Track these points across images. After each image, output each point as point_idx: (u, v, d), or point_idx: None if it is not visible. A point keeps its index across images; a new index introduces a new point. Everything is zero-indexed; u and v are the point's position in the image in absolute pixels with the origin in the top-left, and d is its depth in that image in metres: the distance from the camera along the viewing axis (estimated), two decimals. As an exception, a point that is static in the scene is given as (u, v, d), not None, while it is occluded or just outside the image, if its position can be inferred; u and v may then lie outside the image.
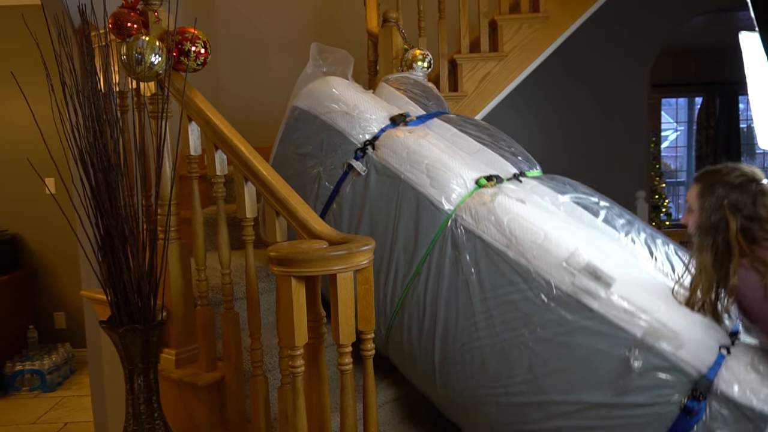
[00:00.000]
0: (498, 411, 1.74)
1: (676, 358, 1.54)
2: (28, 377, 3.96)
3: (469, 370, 1.78)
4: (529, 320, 1.69)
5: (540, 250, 1.73)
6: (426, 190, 1.91)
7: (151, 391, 1.72)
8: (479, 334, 1.76)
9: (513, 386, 1.70)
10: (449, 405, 1.93)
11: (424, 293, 1.89)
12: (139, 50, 1.78)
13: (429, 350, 1.87)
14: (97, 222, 1.68)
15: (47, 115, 1.60)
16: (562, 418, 1.64)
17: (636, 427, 1.56)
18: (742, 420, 1.46)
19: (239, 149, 1.79)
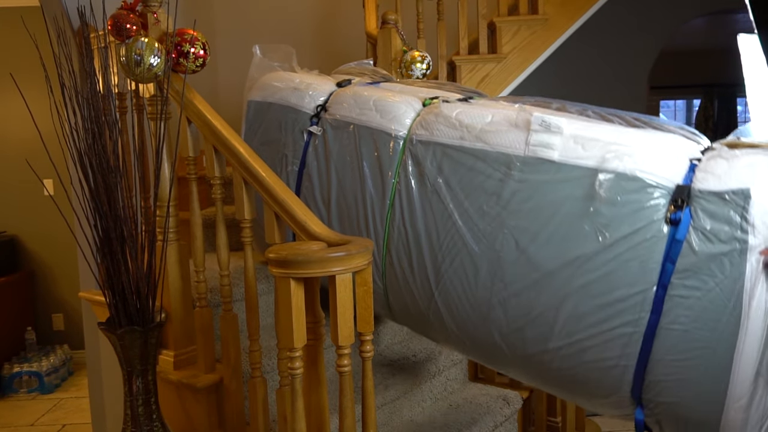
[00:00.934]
0: (504, 309, 1.67)
1: (644, 174, 1.50)
2: (26, 379, 3.96)
3: (465, 277, 1.73)
4: (500, 198, 1.68)
5: (491, 128, 1.75)
6: (378, 124, 1.96)
7: (149, 392, 1.72)
8: (462, 236, 1.74)
9: (507, 274, 1.65)
10: (460, 333, 1.83)
11: (402, 222, 1.88)
12: (138, 52, 1.78)
13: (423, 277, 1.83)
14: (95, 223, 1.68)
15: (46, 116, 1.60)
16: (563, 285, 1.57)
17: (634, 263, 1.49)
18: (725, 205, 1.41)
19: (238, 151, 1.79)
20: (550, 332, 1.60)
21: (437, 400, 2.50)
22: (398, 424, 2.30)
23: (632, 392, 1.54)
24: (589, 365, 1.57)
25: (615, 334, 1.50)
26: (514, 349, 1.70)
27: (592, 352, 1.55)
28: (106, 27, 1.87)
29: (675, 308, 1.44)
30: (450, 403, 2.50)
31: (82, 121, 1.67)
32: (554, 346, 1.60)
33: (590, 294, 1.53)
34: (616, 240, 1.50)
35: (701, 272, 1.41)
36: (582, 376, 1.60)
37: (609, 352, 1.52)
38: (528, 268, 1.62)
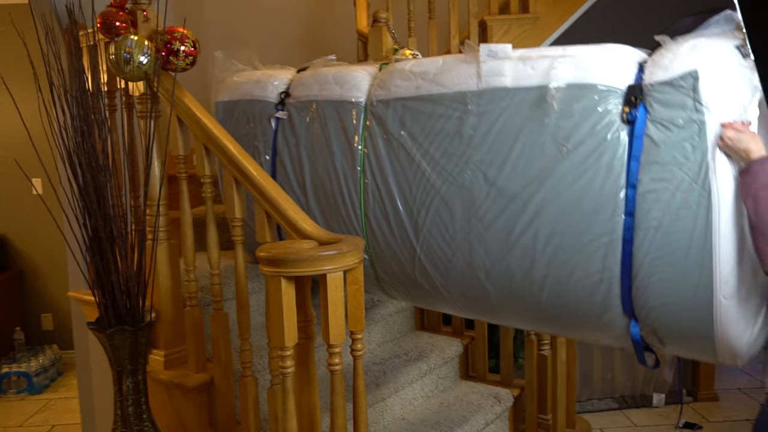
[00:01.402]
0: (484, 246, 1.67)
1: (594, 80, 1.51)
2: (15, 379, 3.92)
3: (442, 225, 1.74)
4: (462, 136, 1.69)
5: (443, 70, 1.77)
6: (339, 95, 1.99)
7: (139, 392, 1.72)
8: (433, 183, 1.75)
9: (481, 209, 1.66)
10: (448, 286, 1.82)
11: (375, 186, 1.89)
12: (128, 50, 1.77)
13: (404, 235, 1.84)
14: (84, 223, 1.67)
15: (35, 115, 1.59)
16: (535, 206, 1.57)
17: (600, 169, 1.49)
18: (677, 92, 1.42)
19: (229, 149, 1.79)
20: (532, 259, 1.59)
21: (428, 398, 2.51)
22: (389, 422, 2.30)
23: (623, 305, 1.52)
24: (576, 288, 1.56)
25: (594, 246, 1.50)
26: (501, 288, 1.69)
27: (576, 272, 1.54)
28: (95, 25, 1.86)
29: (647, 206, 1.43)
30: (441, 401, 2.50)
31: (71, 119, 1.65)
32: (539, 274, 1.60)
33: (562, 209, 1.53)
34: (577, 148, 1.51)
35: (666, 163, 1.41)
36: (572, 301, 1.58)
37: (591, 266, 1.52)
38: (499, 197, 1.62)
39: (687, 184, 1.39)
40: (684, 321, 1.47)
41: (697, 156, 1.38)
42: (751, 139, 1.36)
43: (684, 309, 1.45)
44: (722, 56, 1.42)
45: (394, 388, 2.28)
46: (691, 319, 1.46)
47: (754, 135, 1.37)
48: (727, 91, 1.40)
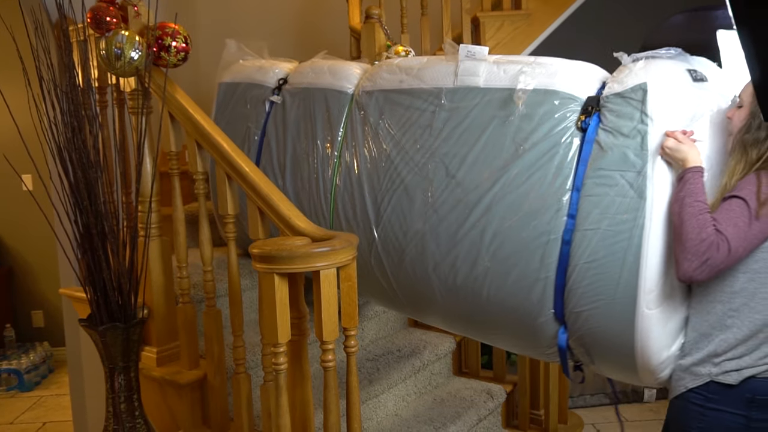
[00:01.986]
0: (436, 237, 1.72)
1: (558, 87, 1.60)
2: (5, 377, 3.90)
3: (401, 213, 1.80)
4: (433, 128, 1.77)
5: (426, 66, 1.87)
6: (330, 84, 2.08)
7: (131, 389, 1.71)
8: (399, 172, 1.82)
9: (438, 201, 1.72)
10: (397, 275, 1.87)
11: (347, 171, 1.95)
12: (119, 45, 1.76)
13: (365, 220, 1.89)
14: (76, 219, 1.66)
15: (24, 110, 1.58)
16: (488, 202, 1.63)
17: (549, 170, 1.55)
18: (626, 103, 1.50)
19: (221, 145, 1.78)
20: (477, 254, 1.65)
21: (422, 395, 2.51)
22: (383, 418, 2.31)
23: (555, 309, 1.57)
24: (516, 286, 1.60)
25: (535, 245, 1.56)
26: (446, 282, 1.73)
27: (517, 269, 1.59)
28: (86, 20, 1.84)
29: (589, 209, 1.50)
30: (434, 397, 2.51)
31: (61, 115, 1.64)
32: (482, 269, 1.65)
33: (511, 206, 1.60)
34: (533, 149, 1.59)
35: (610, 169, 1.48)
36: (511, 300, 1.63)
37: (531, 264, 1.57)
38: (456, 190, 1.69)
39: (626, 191, 1.46)
40: (607, 329, 1.51)
41: (638, 164, 1.46)
42: (690, 149, 1.42)
43: (608, 316, 1.49)
44: (671, 74, 1.52)
45: (387, 385, 2.28)
46: (614, 328, 1.50)
47: (693, 146, 1.43)
48: (672, 105, 1.48)
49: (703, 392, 1.46)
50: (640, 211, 1.44)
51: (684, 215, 1.38)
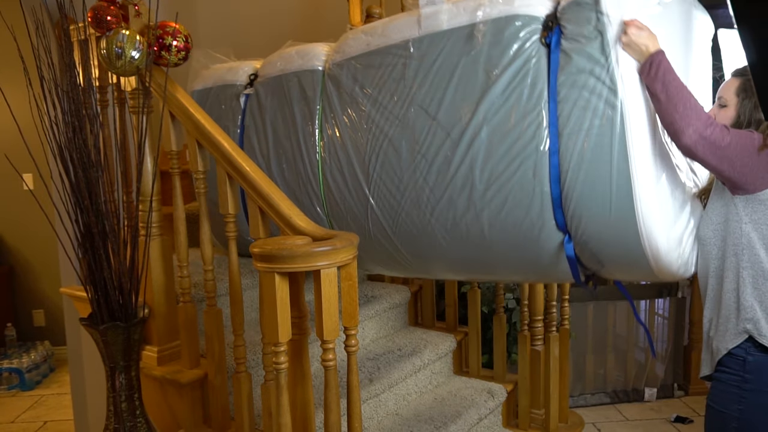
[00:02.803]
0: (426, 182, 1.76)
1: (517, 11, 1.65)
2: (6, 376, 3.90)
3: (391, 169, 1.83)
4: (406, 80, 1.82)
5: (388, 24, 1.91)
6: (300, 66, 2.11)
7: (132, 388, 1.71)
8: (381, 128, 1.84)
9: (424, 146, 1.76)
10: (396, 230, 1.90)
11: (331, 144, 1.98)
12: (119, 44, 1.76)
13: (357, 187, 1.92)
14: (76, 218, 1.66)
15: (25, 109, 1.58)
16: (472, 132, 1.67)
17: (524, 87, 1.61)
18: (582, 9, 1.56)
19: (222, 145, 1.78)
20: (471, 186, 1.69)
21: (422, 394, 2.51)
22: (383, 417, 2.31)
23: (556, 219, 1.62)
24: (514, 207, 1.65)
25: (524, 161, 1.60)
26: (445, 222, 1.77)
27: (512, 190, 1.63)
28: (86, 19, 1.84)
29: (567, 114, 1.55)
30: (435, 396, 2.51)
31: (62, 114, 1.64)
32: (478, 198, 1.68)
33: (494, 131, 1.64)
34: (504, 72, 1.64)
35: (579, 71, 1.54)
36: (512, 222, 1.67)
37: (525, 181, 1.61)
38: (439, 131, 1.74)
39: (599, 89, 1.52)
40: (610, 229, 1.56)
41: (603, 61, 1.52)
42: (649, 35, 1.48)
43: (608, 215, 1.55)
44: None
45: (387, 384, 2.28)
46: (616, 225, 1.55)
47: (651, 32, 1.49)
48: (625, 2, 1.54)
49: (741, 371, 1.50)
50: (616, 106, 1.50)
51: (672, 90, 1.44)
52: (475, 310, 2.69)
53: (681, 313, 3.35)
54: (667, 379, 3.36)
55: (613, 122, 1.50)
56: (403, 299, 2.77)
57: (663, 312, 3.41)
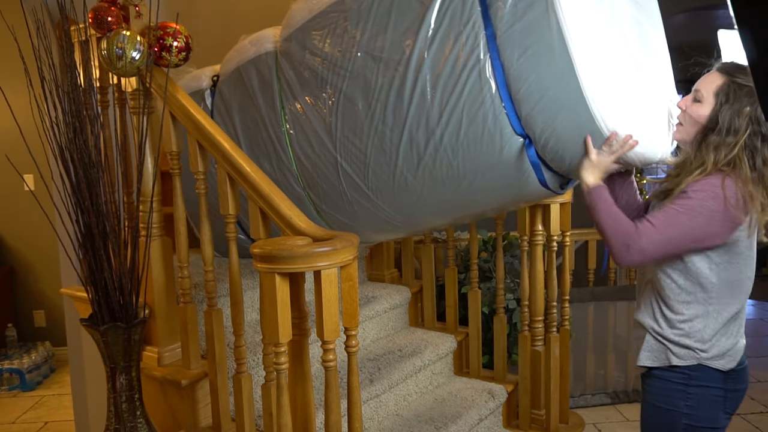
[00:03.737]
0: (386, 124, 1.78)
1: None
2: (7, 376, 3.91)
3: (351, 122, 1.85)
4: (348, 32, 1.85)
5: None
6: (255, 53, 2.15)
7: (133, 389, 1.71)
8: (335, 85, 1.87)
9: (376, 89, 1.78)
10: (369, 183, 1.91)
11: (294, 117, 1.99)
12: (120, 45, 1.76)
13: (324, 150, 1.93)
14: (77, 219, 1.66)
15: (26, 110, 1.58)
16: (415, 62, 1.69)
17: (457, 2, 1.64)
18: None
19: (222, 146, 1.78)
20: (427, 112, 1.71)
21: (423, 394, 2.51)
22: (384, 418, 2.31)
23: (512, 125, 1.64)
24: (469, 122, 1.67)
25: (471, 69, 1.62)
26: (411, 160, 1.78)
27: (466, 104, 1.65)
28: (87, 20, 1.85)
29: (499, 13, 1.58)
30: (435, 397, 2.51)
31: (62, 115, 1.64)
32: (436, 124, 1.70)
33: (438, 52, 1.67)
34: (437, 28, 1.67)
35: None
36: (473, 138, 1.68)
37: (474, 90, 1.63)
38: (388, 70, 1.76)
39: None
40: (564, 119, 1.58)
41: None
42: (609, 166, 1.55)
43: (559, 103, 1.56)
44: None
45: (388, 384, 2.28)
46: (569, 113, 1.56)
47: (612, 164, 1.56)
48: None
49: (687, 372, 1.51)
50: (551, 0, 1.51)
51: (601, 219, 1.49)
52: (476, 310, 2.69)
53: (681, 314, 3.35)
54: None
55: (547, 13, 1.52)
56: (404, 300, 2.77)
57: (663, 312, 3.41)
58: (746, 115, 1.41)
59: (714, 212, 1.39)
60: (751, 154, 1.42)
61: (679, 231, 1.41)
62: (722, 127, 1.44)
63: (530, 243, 2.49)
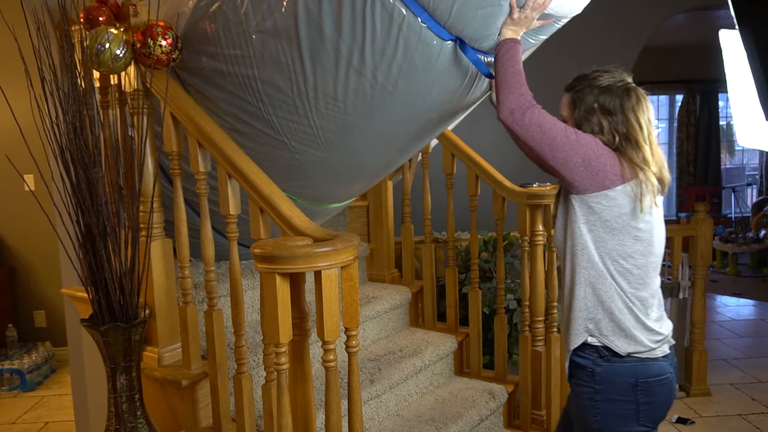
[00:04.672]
0: (321, 99, 1.77)
1: None
2: (8, 377, 3.91)
3: (280, 103, 1.82)
4: (239, 19, 1.78)
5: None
6: None
7: (133, 389, 1.71)
8: (251, 73, 1.81)
9: (290, 66, 1.75)
10: (322, 156, 1.93)
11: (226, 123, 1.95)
12: (103, 41, 1.75)
13: (270, 142, 1.93)
14: (77, 219, 1.66)
15: (26, 110, 1.58)
16: (321, 24, 1.66)
17: None
18: None
19: (222, 145, 1.78)
20: (352, 64, 1.69)
21: (423, 395, 2.51)
22: (384, 418, 2.31)
23: (439, 35, 1.65)
24: (399, 56, 1.67)
25: (374, 10, 1.60)
26: (360, 112, 1.78)
27: (388, 45, 1.65)
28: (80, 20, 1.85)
29: None
30: (436, 397, 2.51)
31: (63, 115, 1.64)
32: (367, 71, 1.70)
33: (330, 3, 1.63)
34: None
35: None
36: (410, 72, 1.69)
37: (387, 25, 1.61)
38: (284, 40, 1.71)
39: None
40: None
41: None
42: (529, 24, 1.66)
43: None
44: None
45: (388, 385, 2.28)
46: None
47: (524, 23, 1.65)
48: None
49: (591, 382, 1.52)
50: None
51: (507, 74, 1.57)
52: (476, 310, 2.69)
53: (682, 315, 3.35)
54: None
55: None
56: (404, 300, 2.77)
57: (664, 313, 3.42)
58: (592, 104, 1.53)
59: (589, 153, 1.48)
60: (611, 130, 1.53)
61: (556, 132, 1.49)
62: (584, 130, 1.54)
63: (531, 243, 2.49)
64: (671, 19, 4.34)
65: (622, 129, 1.50)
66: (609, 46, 3.95)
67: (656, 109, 8.25)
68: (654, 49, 6.90)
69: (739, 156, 8.32)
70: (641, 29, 4.02)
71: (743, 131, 3.55)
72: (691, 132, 7.82)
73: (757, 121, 2.92)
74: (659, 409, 1.50)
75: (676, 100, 7.98)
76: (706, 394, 3.41)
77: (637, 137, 1.49)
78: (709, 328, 4.35)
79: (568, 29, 3.87)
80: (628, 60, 4.02)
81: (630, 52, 4.01)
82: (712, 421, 3.13)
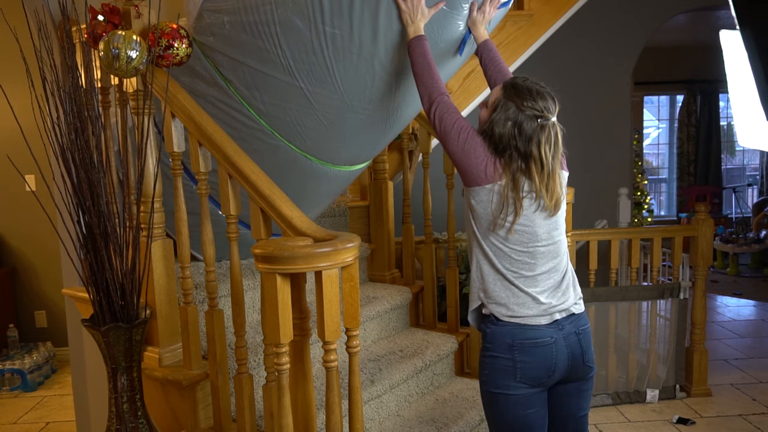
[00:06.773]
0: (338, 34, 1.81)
1: None
2: (9, 377, 3.91)
3: (297, 41, 1.85)
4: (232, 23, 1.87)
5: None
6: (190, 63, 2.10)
7: (134, 389, 1.71)
8: (269, 17, 1.83)
9: (299, 63, 1.87)
10: (336, 96, 1.96)
11: (241, 80, 1.97)
12: (116, 45, 1.75)
13: (285, 88, 1.95)
14: (78, 219, 1.66)
15: (27, 111, 1.58)
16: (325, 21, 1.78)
17: None
18: None
19: (223, 146, 1.78)
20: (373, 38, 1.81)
21: (424, 395, 2.51)
22: (385, 418, 2.31)
23: None
24: None
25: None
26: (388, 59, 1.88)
27: None
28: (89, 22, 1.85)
29: None
30: (437, 397, 2.51)
31: (64, 115, 1.64)
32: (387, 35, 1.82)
33: None
34: None
35: None
36: None
37: None
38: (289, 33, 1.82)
39: None
40: None
41: None
42: (423, 20, 1.79)
43: None
44: None
45: (389, 385, 2.28)
46: None
47: (423, 17, 1.79)
48: None
49: (484, 341, 1.69)
50: None
51: (417, 69, 1.76)
52: (477, 311, 2.69)
53: (683, 315, 3.34)
54: (669, 380, 3.36)
55: None
56: (405, 300, 2.77)
57: (665, 313, 3.41)
58: (509, 119, 1.64)
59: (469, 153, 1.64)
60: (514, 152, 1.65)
61: (450, 128, 1.67)
62: (488, 131, 1.65)
63: (531, 243, 2.49)
64: (672, 20, 4.34)
65: (522, 150, 1.61)
66: (610, 46, 3.95)
67: (657, 110, 8.26)
68: (655, 49, 6.90)
69: (740, 156, 8.32)
70: (642, 29, 4.02)
71: (744, 132, 3.55)
72: (692, 132, 7.82)
73: (757, 122, 2.92)
74: (536, 370, 1.63)
75: (676, 101, 7.98)
76: (707, 394, 3.41)
77: (530, 166, 1.61)
78: (709, 328, 4.35)
79: (570, 29, 3.89)
80: (629, 60, 4.03)
81: (631, 52, 4.01)
82: (713, 421, 3.13)
